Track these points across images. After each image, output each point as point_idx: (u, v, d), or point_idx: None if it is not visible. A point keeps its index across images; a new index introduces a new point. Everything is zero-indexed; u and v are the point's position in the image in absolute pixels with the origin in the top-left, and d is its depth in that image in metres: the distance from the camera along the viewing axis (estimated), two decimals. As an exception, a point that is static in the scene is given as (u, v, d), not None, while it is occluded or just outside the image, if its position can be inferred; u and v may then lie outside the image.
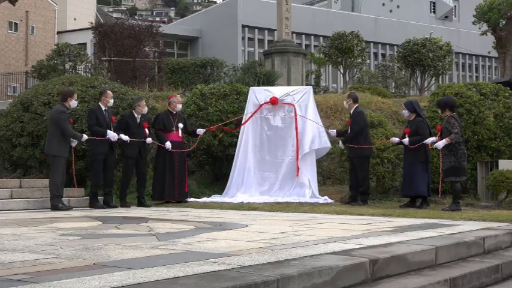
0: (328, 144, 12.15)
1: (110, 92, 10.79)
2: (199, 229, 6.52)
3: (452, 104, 9.82)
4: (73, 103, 10.11)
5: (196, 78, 22.76)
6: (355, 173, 11.08)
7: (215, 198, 11.97)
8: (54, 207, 9.69)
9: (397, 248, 4.97)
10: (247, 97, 12.79)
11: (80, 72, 20.62)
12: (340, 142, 11.27)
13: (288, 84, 18.65)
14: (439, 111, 10.01)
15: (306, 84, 20.17)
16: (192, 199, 11.78)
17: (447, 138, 9.56)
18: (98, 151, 10.47)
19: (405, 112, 10.68)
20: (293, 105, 12.14)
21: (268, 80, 17.72)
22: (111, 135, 10.41)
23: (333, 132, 11.61)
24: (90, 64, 21.08)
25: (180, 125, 11.44)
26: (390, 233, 6.11)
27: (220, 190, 12.81)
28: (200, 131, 11.83)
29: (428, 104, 13.04)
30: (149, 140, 11.01)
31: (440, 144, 9.64)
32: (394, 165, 12.09)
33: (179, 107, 11.62)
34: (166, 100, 12.70)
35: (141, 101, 11.15)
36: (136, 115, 11.04)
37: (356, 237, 5.65)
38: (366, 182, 11.00)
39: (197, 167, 13.81)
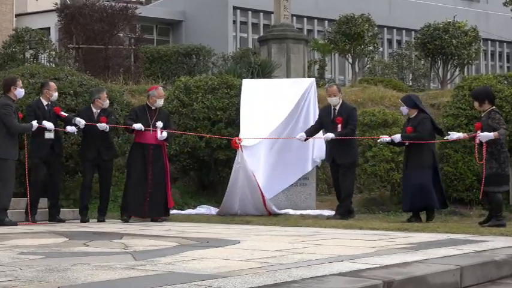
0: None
1: (53, 84, 10.55)
2: (183, 246, 6.52)
3: (493, 96, 9.55)
4: (18, 92, 9.82)
5: (180, 69, 22.73)
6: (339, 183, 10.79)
7: (202, 209, 11.95)
8: (1, 222, 9.41)
9: (415, 268, 4.98)
10: (239, 91, 12.79)
11: (42, 61, 20.56)
12: (332, 134, 10.50)
13: (287, 76, 18.68)
14: (476, 104, 9.56)
15: (308, 76, 20.20)
16: (174, 211, 11.77)
17: (495, 133, 9.09)
18: (35, 154, 10.14)
19: (403, 109, 10.44)
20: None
21: (264, 71, 17.74)
22: (48, 125, 10.01)
23: (303, 136, 11.04)
24: (54, 52, 21.01)
25: (159, 124, 10.63)
26: (407, 250, 6.11)
27: (207, 200, 12.80)
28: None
29: (451, 99, 13.08)
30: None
31: (484, 136, 9.12)
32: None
33: (160, 102, 10.94)
34: (145, 93, 12.53)
35: (101, 93, 10.77)
36: (94, 109, 10.70)
37: (367, 255, 5.66)
38: (350, 194, 10.70)
39: (180, 173, 13.80)
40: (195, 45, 24.02)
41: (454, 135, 9.95)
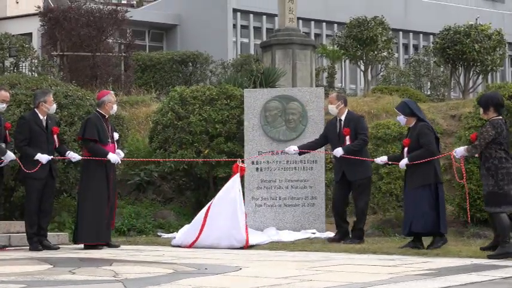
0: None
1: (5, 93, 10.15)
2: (178, 273, 6.52)
3: (498, 103, 8.98)
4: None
5: (175, 78, 22.81)
6: (343, 200, 10.72)
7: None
8: None
9: (434, 296, 4.98)
10: (240, 102, 12.81)
11: (23, 70, 20.63)
12: (340, 150, 10.39)
13: (293, 85, 18.71)
14: (481, 111, 9.23)
15: (317, 85, 20.23)
16: (170, 234, 11.75)
17: (466, 147, 9.05)
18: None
19: (401, 118, 10.05)
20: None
21: (267, 80, 17.76)
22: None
23: (292, 149, 10.81)
24: (37, 60, 21.07)
25: (116, 135, 10.51)
26: (426, 276, 6.11)
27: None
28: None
29: (474, 109, 13.07)
30: (75, 156, 10.22)
31: (458, 152, 9.15)
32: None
33: (115, 108, 10.70)
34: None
35: (47, 96, 10.24)
36: (41, 116, 10.05)
37: (381, 282, 5.66)
38: (365, 214, 10.70)
39: (176, 193, 13.80)
40: (191, 52, 24.09)
41: (459, 153, 9.29)
